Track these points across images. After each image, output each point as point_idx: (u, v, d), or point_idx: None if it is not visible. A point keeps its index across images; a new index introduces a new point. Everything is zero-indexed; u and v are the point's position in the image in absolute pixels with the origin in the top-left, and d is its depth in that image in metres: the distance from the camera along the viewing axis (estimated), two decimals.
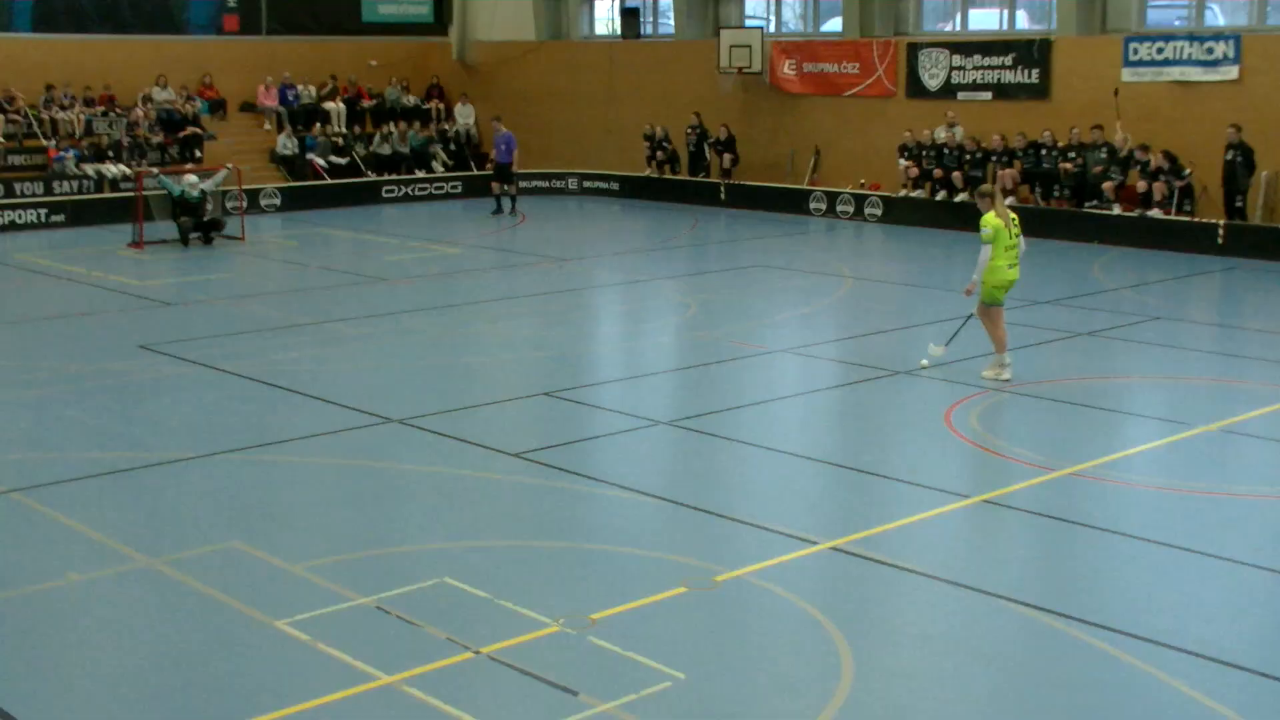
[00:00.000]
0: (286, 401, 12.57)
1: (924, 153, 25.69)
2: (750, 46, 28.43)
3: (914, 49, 26.59)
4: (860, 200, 26.86)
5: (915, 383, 13.23)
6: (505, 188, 27.78)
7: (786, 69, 28.50)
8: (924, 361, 13.68)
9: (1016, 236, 13.05)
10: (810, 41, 28.52)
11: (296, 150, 30.43)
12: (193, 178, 23.29)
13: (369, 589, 7.98)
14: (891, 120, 26.80)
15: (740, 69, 28.61)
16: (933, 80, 26.45)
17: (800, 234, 25.42)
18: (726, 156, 28.75)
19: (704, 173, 29.58)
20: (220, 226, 23.38)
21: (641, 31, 32.37)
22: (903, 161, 25.97)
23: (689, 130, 29.46)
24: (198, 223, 23.02)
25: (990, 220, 12.90)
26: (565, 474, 10.28)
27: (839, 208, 27.19)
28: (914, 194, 25.94)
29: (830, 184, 27.88)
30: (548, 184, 31.59)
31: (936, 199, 25.51)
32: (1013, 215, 13.15)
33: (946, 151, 25.34)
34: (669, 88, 30.63)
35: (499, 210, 27.86)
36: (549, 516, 9.48)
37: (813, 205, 27.62)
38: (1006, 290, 13.11)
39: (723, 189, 28.87)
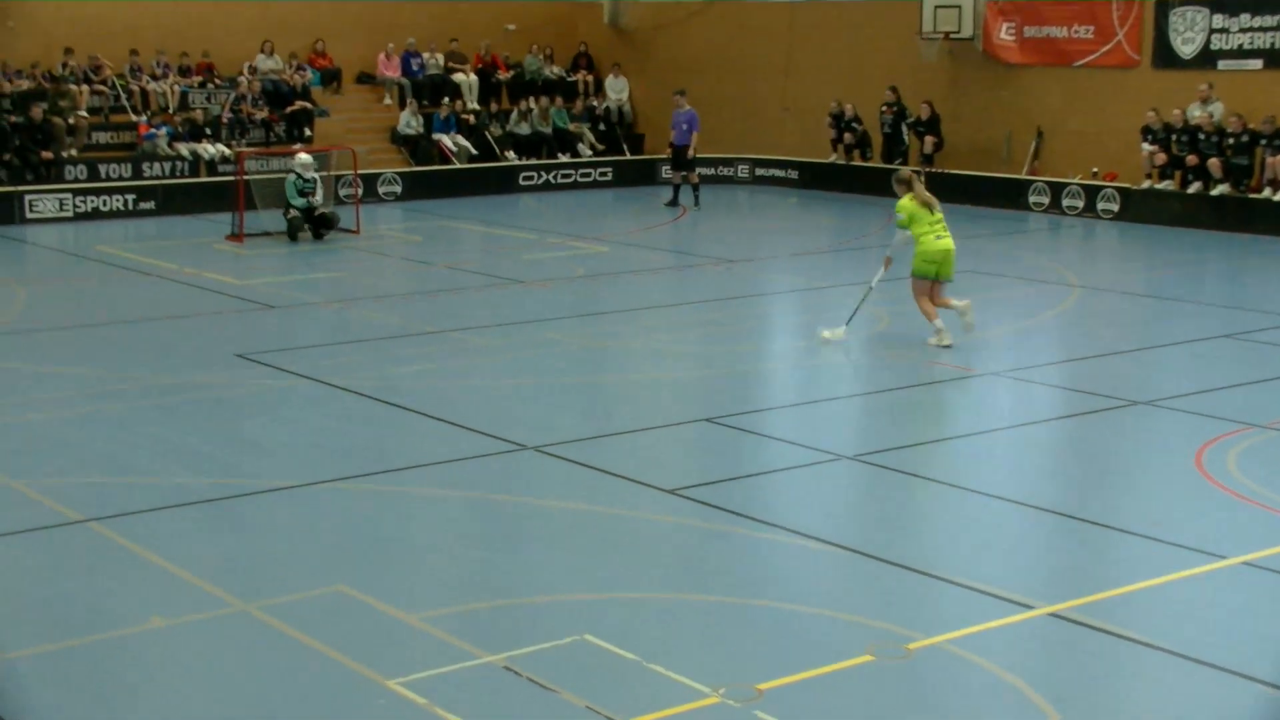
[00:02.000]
0: (404, 422, 12.82)
1: (1174, 136, 25.10)
2: (960, 7, 28.16)
3: (1163, 8, 26.04)
4: (1092, 193, 26.36)
5: (1157, 416, 12.94)
6: (684, 175, 27.93)
7: (1004, 34, 28.14)
8: (826, 333, 15.94)
9: (939, 213, 15.73)
10: (1034, 1, 28.12)
11: (421, 129, 31.09)
12: (306, 157, 23.85)
13: (496, 645, 8.07)
14: (1133, 96, 26.25)
15: (947, 34, 28.35)
16: (1187, 46, 25.84)
17: (1017, 233, 25.03)
18: (928, 140, 28.49)
19: (901, 159, 29.33)
20: (333, 223, 23.86)
21: None
22: (1146, 146, 25.42)
23: (883, 108, 29.29)
24: (310, 218, 23.54)
25: (903, 205, 15.68)
26: (729, 515, 10.28)
27: (1066, 202, 26.73)
28: (1160, 185, 25.37)
29: (1055, 173, 27.43)
30: (714, 171, 31.71)
31: (1188, 191, 24.91)
32: (934, 203, 15.84)
33: (1202, 135, 24.72)
34: (860, 57, 30.49)
35: (674, 202, 28.02)
36: (709, 565, 9.48)
37: (1033, 199, 27.20)
38: (941, 262, 15.53)
39: (923, 178, 28.55)
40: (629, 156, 33.14)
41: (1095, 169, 26.92)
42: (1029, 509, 10.60)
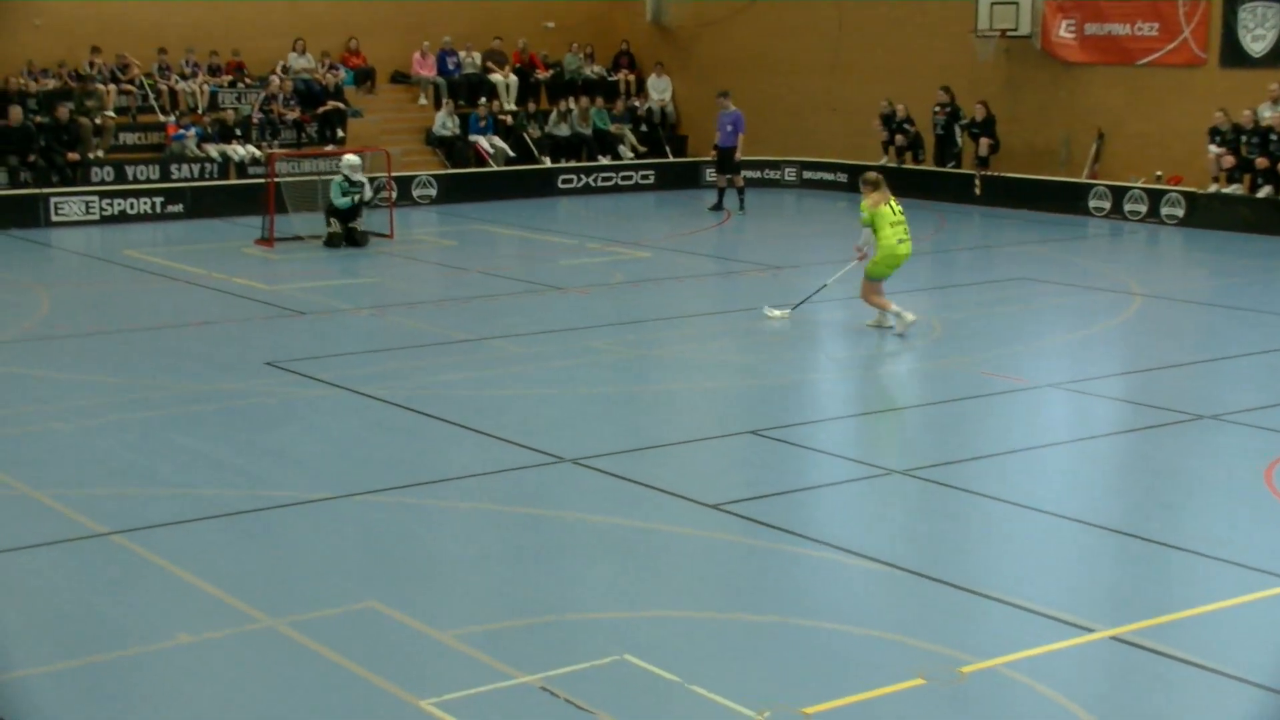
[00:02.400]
0: (438, 433, 12.86)
1: (1243, 137, 24.93)
2: (1017, 3, 28.09)
3: (1232, 4, 25.89)
4: (1156, 197, 26.21)
5: (1223, 431, 12.84)
6: (729, 178, 27.93)
7: (1063, 31, 28.04)
8: (773, 312, 17.42)
9: (900, 213, 16.78)
10: None
11: (457, 130, 31.20)
12: (354, 158, 23.69)
13: (532, 665, 8.08)
14: (1200, 96, 26.09)
15: (1004, 31, 28.27)
16: (1257, 44, 25.67)
17: (1076, 239, 24.92)
18: (983, 142, 28.41)
19: (954, 162, 29.28)
20: (363, 243, 23.49)
21: None
22: (1214, 148, 25.26)
23: (936, 109, 29.22)
24: (349, 230, 23.41)
25: (866, 206, 16.72)
26: (774, 531, 10.26)
27: (1128, 207, 26.59)
28: (1228, 189, 25.20)
29: (1116, 177, 27.29)
30: (759, 174, 31.70)
31: (1258, 196, 24.73)
32: (894, 202, 16.88)
33: (1274, 136, 24.55)
34: (912, 55, 30.43)
35: (718, 206, 28.03)
36: (753, 583, 9.47)
37: (1093, 203, 27.08)
38: (895, 266, 16.72)
39: (978, 182, 28.53)
40: (671, 159, 33.16)
41: (1159, 172, 26.76)
42: (1088, 527, 10.54)
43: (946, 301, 19.17)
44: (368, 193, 23.67)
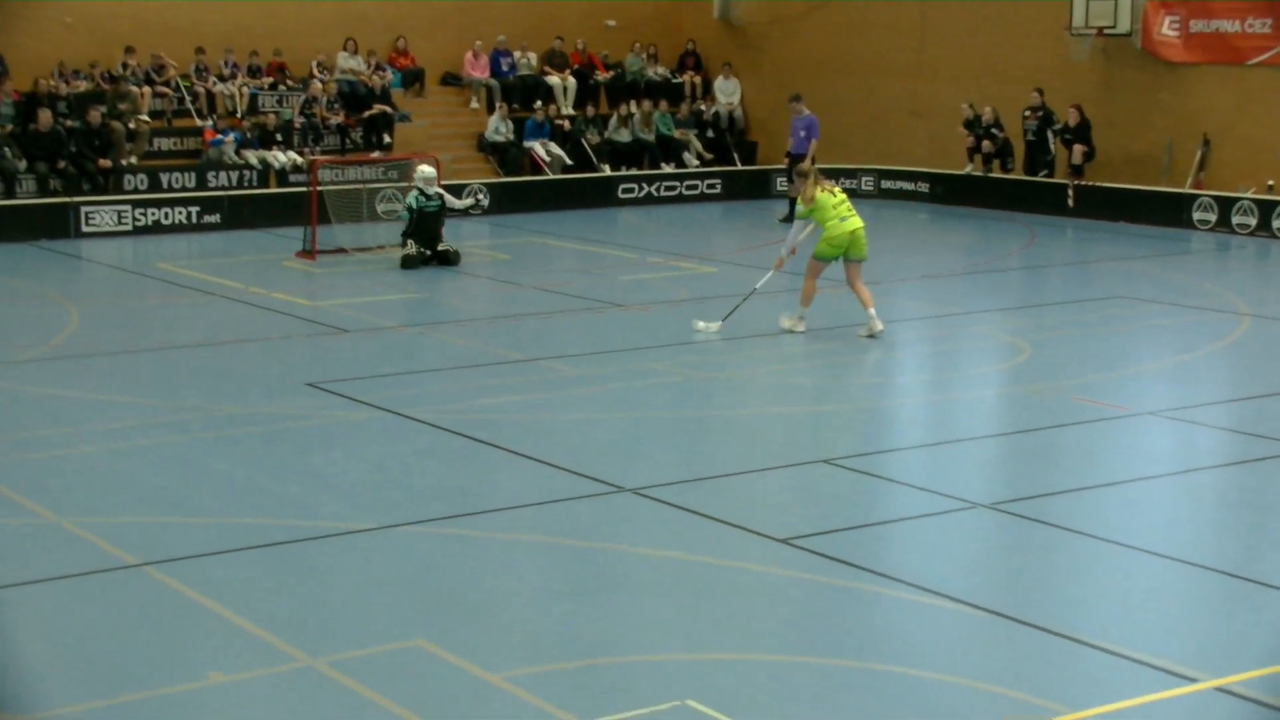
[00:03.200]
0: (489, 460, 12.91)
1: None
2: None
3: None
4: (1267, 209, 26.01)
5: None
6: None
7: (1166, 29, 27.88)
8: (700, 324, 18.00)
9: (842, 194, 17.93)
10: None
11: (510, 136, 31.34)
12: (429, 169, 23.29)
13: (588, 709, 8.08)
14: None
15: (1101, 29, 28.14)
16: None
17: (1179, 254, 24.73)
18: (1078, 148, 28.27)
19: (1046, 170, 29.16)
20: (454, 261, 23.09)
21: None
22: None
23: (1027, 113, 29.12)
24: (432, 250, 22.98)
25: (808, 197, 17.81)
26: (848, 568, 10.24)
27: (1236, 219, 26.38)
28: None
29: (1223, 187, 27.09)
30: (835, 183, 31.55)
31: None
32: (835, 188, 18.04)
33: None
34: (1000, 56, 30.35)
35: (790, 218, 27.98)
36: (824, 624, 9.44)
37: (1198, 216, 26.88)
38: (849, 244, 17.66)
39: (1071, 192, 28.39)
40: (740, 167, 33.19)
41: (1270, 182, 26.54)
42: (1190, 567, 10.45)
43: (1036, 322, 19.07)
44: (456, 203, 23.51)
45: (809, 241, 17.95)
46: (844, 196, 18.05)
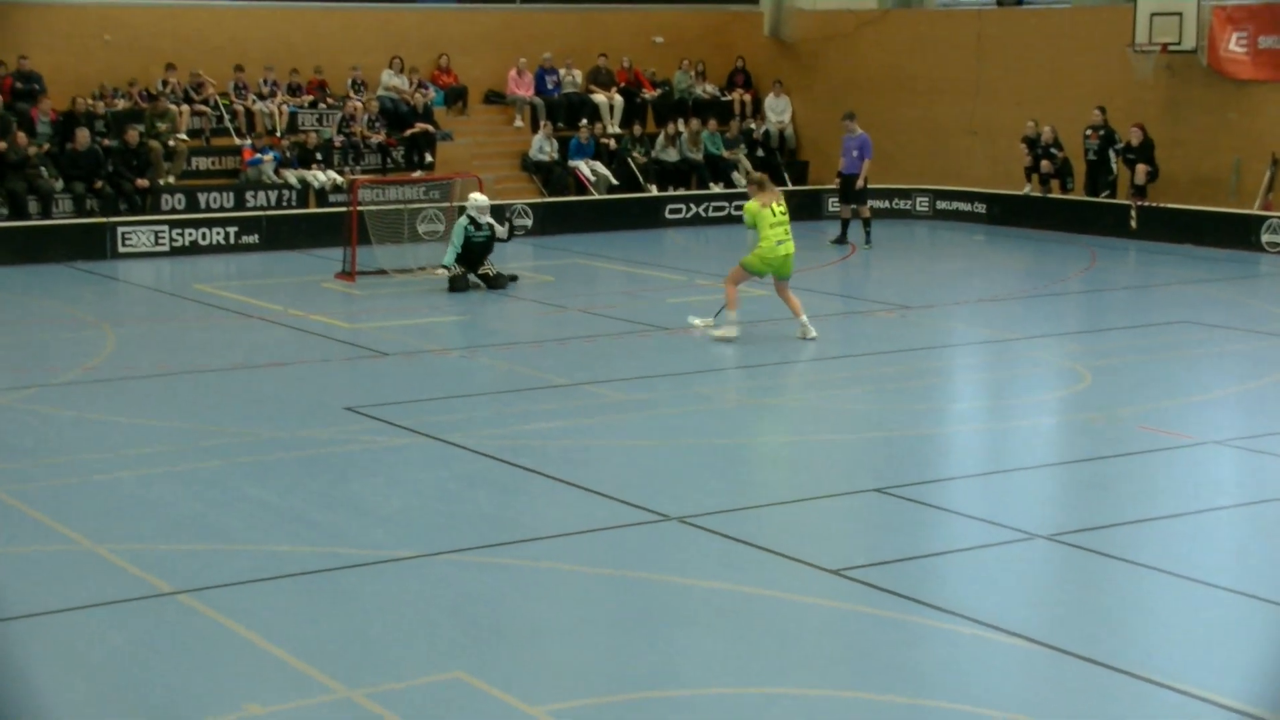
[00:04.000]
0: (532, 487, 12.91)
1: None
2: (1180, 14, 27.84)
3: None
4: None
5: None
6: (854, 209, 27.87)
7: (1233, 44, 27.74)
8: (695, 321, 19.30)
9: (784, 215, 18.72)
10: (1271, 5, 27.67)
11: (555, 155, 31.42)
12: (482, 198, 23.32)
13: None
14: None
15: (1165, 46, 28.03)
16: None
17: (1246, 278, 24.57)
18: (1140, 168, 28.13)
19: (1108, 190, 29.03)
20: (503, 284, 23.11)
21: None
22: None
23: (1088, 132, 29.01)
24: (480, 274, 23.00)
25: (749, 206, 18.79)
26: (902, 601, 10.19)
27: None
28: None
29: None
30: (888, 204, 31.63)
31: None
32: (781, 202, 18.85)
33: None
34: (1061, 73, 30.26)
35: (842, 239, 28.00)
36: (877, 658, 9.40)
37: (1266, 238, 26.71)
38: (775, 267, 18.67)
39: (1134, 213, 28.24)
40: (791, 187, 33.10)
41: None
42: (1260, 602, 10.35)
43: (1098, 347, 18.96)
44: (501, 231, 23.51)
45: (743, 249, 19.24)
46: (785, 218, 18.79)
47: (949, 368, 18.33)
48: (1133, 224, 28.22)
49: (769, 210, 18.61)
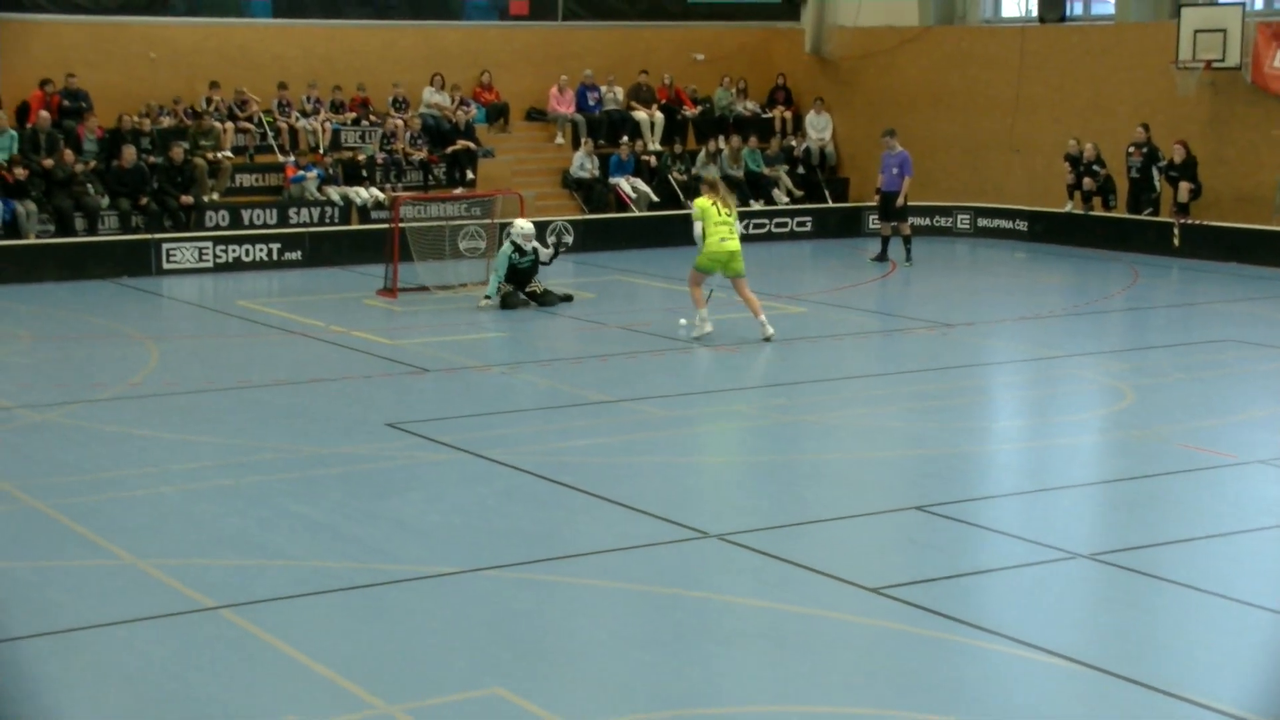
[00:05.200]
0: (572, 503, 12.93)
1: None
2: (1224, 31, 27.74)
3: None
4: None
5: None
6: (894, 226, 27.81)
7: (1277, 61, 27.63)
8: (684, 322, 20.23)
9: (729, 215, 19.76)
10: None
11: (596, 172, 31.48)
12: (527, 225, 23.12)
13: None
14: None
15: (1209, 62, 27.92)
16: None
17: None
18: (1184, 186, 28.02)
19: (1151, 208, 28.92)
20: (549, 302, 23.01)
21: (1067, 12, 32.07)
22: None
23: (1131, 149, 28.90)
24: (528, 291, 22.92)
25: (698, 202, 19.98)
26: (942, 620, 10.16)
27: None
28: None
29: None
30: (929, 221, 31.58)
31: None
32: (728, 203, 19.94)
33: None
34: (1104, 90, 30.18)
35: (882, 257, 27.96)
36: (918, 678, 9.37)
37: None
38: (725, 262, 19.60)
39: (1177, 231, 28.12)
40: (831, 204, 33.15)
41: None
42: None
43: (1140, 365, 18.88)
44: (545, 254, 23.44)
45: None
46: (730, 218, 19.75)
47: (989, 385, 18.28)
48: (1175, 242, 28.09)
49: (714, 209, 19.62)
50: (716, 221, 19.62)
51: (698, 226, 19.85)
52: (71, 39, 29.34)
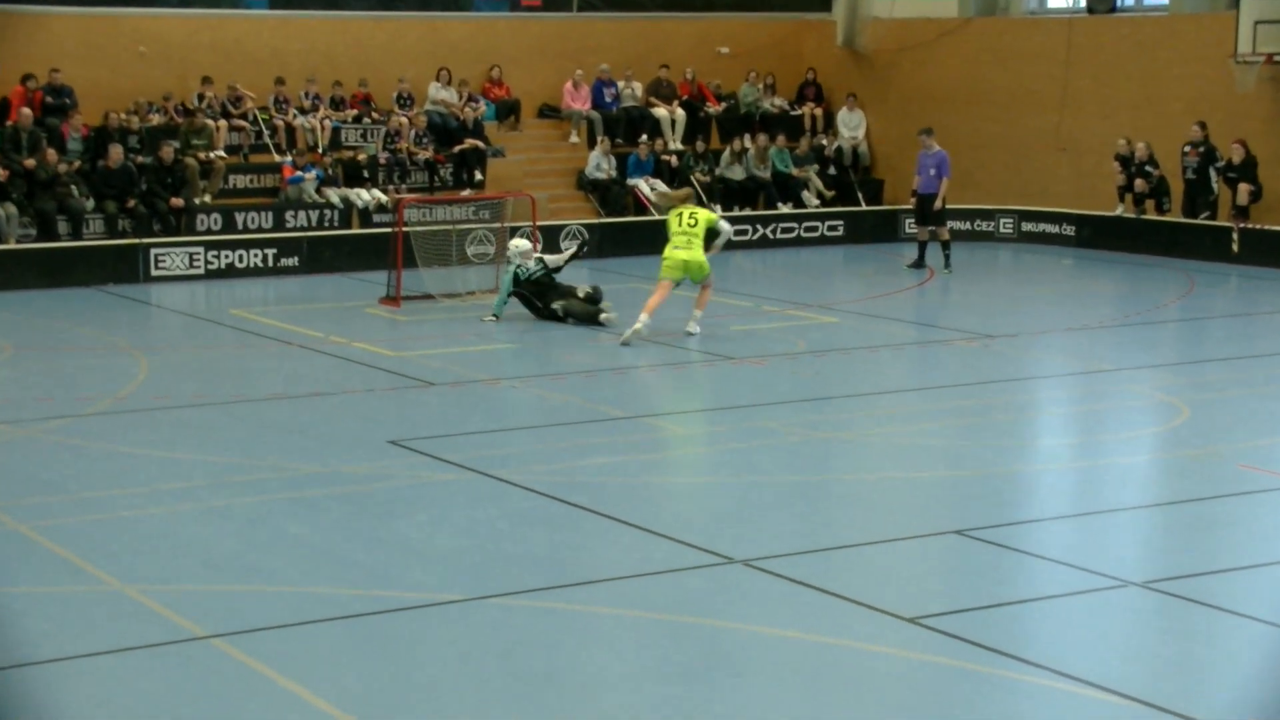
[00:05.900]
0: (588, 526, 12.93)
1: None
2: None
3: None
4: None
5: None
6: (932, 231, 27.78)
7: None
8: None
9: (691, 227, 21.22)
10: None
11: (613, 172, 31.49)
12: (522, 243, 22.98)
13: None
14: None
15: (1270, 56, 27.88)
16: None
17: None
18: (1243, 188, 27.99)
19: (1208, 211, 28.87)
20: (599, 294, 22.91)
21: (1118, 2, 32.06)
22: None
23: (1186, 149, 28.87)
24: (545, 307, 22.71)
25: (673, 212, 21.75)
26: (983, 652, 10.15)
27: None
28: None
29: None
30: (969, 226, 31.56)
31: None
32: (693, 212, 21.52)
33: None
34: (1156, 85, 30.16)
35: (919, 263, 27.94)
36: (958, 713, 9.36)
37: None
38: (679, 270, 21.09)
39: (1236, 235, 28.08)
40: (864, 207, 33.15)
41: None
42: None
43: (1196, 379, 18.85)
44: (552, 260, 23.27)
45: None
46: (691, 229, 21.21)
47: (1034, 401, 18.26)
48: (1234, 247, 28.04)
49: (677, 218, 21.40)
50: (677, 230, 21.37)
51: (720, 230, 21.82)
52: (56, 31, 29.40)
